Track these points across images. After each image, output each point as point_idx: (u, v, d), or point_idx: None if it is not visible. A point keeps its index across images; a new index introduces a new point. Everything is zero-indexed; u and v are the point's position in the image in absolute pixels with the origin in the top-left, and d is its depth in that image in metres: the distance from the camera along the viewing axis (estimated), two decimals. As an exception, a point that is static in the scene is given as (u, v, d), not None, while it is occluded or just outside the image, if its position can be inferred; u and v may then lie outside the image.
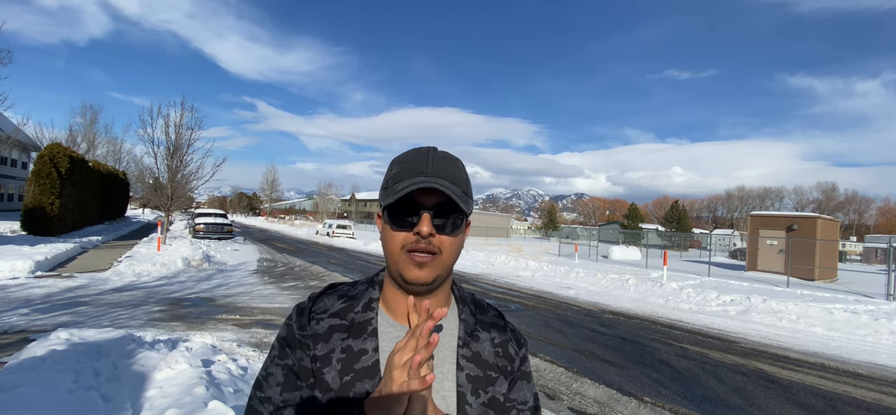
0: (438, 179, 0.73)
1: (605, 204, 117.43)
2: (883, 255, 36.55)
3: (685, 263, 24.68)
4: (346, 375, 0.74)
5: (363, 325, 0.78)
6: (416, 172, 0.74)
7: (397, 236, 0.74)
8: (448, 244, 0.75)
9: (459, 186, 0.75)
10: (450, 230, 0.75)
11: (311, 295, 0.83)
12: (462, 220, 0.77)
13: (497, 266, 16.81)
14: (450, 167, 0.77)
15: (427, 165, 0.75)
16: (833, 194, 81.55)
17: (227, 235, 22.00)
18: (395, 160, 0.80)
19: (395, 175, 0.76)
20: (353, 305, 0.80)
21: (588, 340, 6.60)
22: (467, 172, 0.81)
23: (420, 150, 0.79)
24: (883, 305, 9.72)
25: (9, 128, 22.49)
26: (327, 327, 0.77)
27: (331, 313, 0.79)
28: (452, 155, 0.80)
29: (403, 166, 0.76)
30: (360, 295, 0.82)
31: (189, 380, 3.33)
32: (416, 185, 0.71)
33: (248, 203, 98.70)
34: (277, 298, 8.69)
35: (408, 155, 0.79)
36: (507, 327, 0.87)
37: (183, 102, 17.72)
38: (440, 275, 0.76)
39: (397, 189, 0.73)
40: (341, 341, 0.76)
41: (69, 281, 8.72)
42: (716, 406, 4.30)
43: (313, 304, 0.80)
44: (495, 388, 0.79)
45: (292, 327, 0.78)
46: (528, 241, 51.46)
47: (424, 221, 0.72)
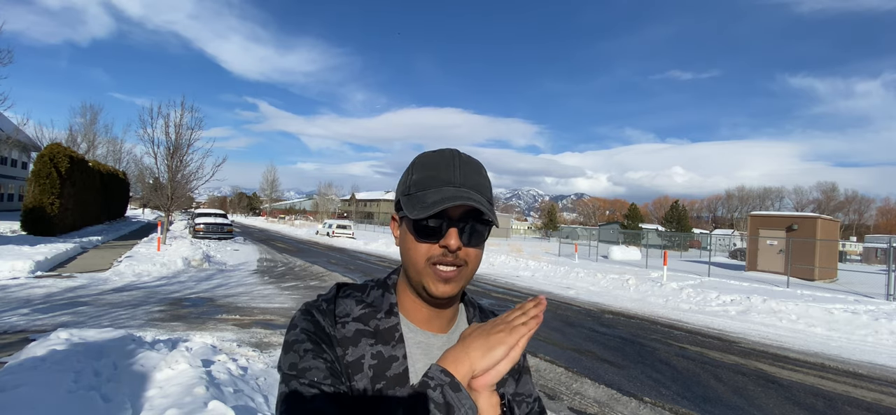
0: (469, 192, 0.71)
1: (605, 204, 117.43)
2: (883, 255, 36.55)
3: (685, 263, 24.68)
4: (378, 382, 0.71)
5: (390, 331, 0.75)
6: (444, 181, 0.72)
7: (421, 248, 0.71)
8: (473, 256, 0.73)
9: (485, 195, 0.74)
10: (476, 242, 0.73)
11: (322, 297, 0.79)
12: (488, 230, 0.75)
13: (497, 266, 16.81)
14: (475, 175, 0.75)
15: (454, 173, 0.73)
16: (833, 194, 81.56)
17: (227, 235, 21.99)
18: (417, 163, 0.77)
19: (419, 182, 0.74)
20: (375, 312, 0.77)
21: (588, 340, 6.60)
22: (488, 177, 0.79)
23: (444, 154, 0.76)
24: (883, 306, 9.72)
25: (9, 128, 22.51)
26: (354, 331, 0.74)
27: (354, 317, 0.76)
28: (474, 159, 0.78)
29: (428, 172, 0.74)
30: (379, 301, 0.79)
31: (189, 380, 3.33)
32: (449, 202, 0.68)
33: (249, 203, 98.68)
34: (277, 298, 8.69)
35: (431, 159, 0.76)
36: None
37: (183, 102, 17.75)
38: (464, 287, 0.74)
39: (426, 202, 0.70)
40: (370, 347, 0.73)
41: (69, 281, 8.72)
42: (716, 406, 4.30)
43: (334, 307, 0.77)
44: (505, 389, 0.79)
45: (321, 324, 0.73)
46: (528, 241, 51.47)
47: (452, 235, 0.70)
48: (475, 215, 0.72)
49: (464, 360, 0.62)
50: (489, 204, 0.74)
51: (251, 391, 3.63)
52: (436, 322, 0.79)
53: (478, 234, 0.73)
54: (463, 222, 0.71)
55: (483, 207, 0.70)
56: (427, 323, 0.78)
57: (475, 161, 0.78)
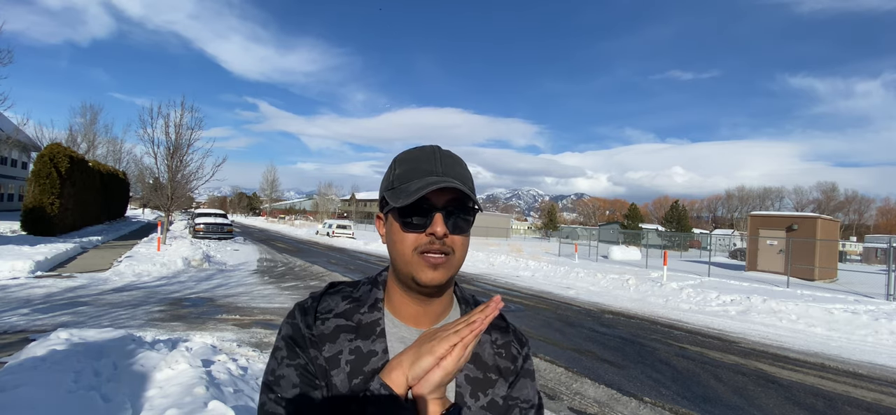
0: (451, 179, 0.72)
1: (605, 204, 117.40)
2: (883, 255, 36.54)
3: (685, 263, 24.67)
4: (355, 377, 0.71)
5: (371, 326, 0.76)
6: (426, 172, 0.73)
7: (408, 238, 0.72)
8: (460, 243, 0.74)
9: (467, 185, 0.75)
10: (461, 229, 0.73)
11: (312, 294, 0.80)
12: (472, 218, 0.76)
13: (497, 266, 16.81)
14: (457, 166, 0.76)
15: (436, 164, 0.74)
16: (833, 194, 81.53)
17: (227, 235, 21.99)
18: (399, 159, 0.78)
19: (401, 175, 0.75)
20: (359, 306, 0.78)
21: (588, 340, 6.60)
22: (470, 172, 0.80)
23: (424, 148, 0.77)
24: (883, 306, 9.71)
25: (9, 128, 22.51)
26: (333, 328, 0.75)
27: (336, 313, 0.76)
28: (456, 154, 0.79)
29: (409, 166, 0.75)
30: (365, 296, 0.80)
31: (189, 380, 3.33)
32: (433, 185, 0.69)
33: (249, 203, 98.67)
34: (277, 298, 8.69)
35: (412, 154, 0.77)
36: (509, 328, 0.86)
37: (183, 102, 17.75)
38: (452, 275, 0.74)
39: (410, 190, 0.71)
40: (349, 342, 0.74)
41: (69, 281, 8.72)
42: (716, 406, 4.30)
43: (317, 303, 0.78)
44: (495, 391, 0.78)
45: (298, 325, 0.75)
46: (528, 241, 51.45)
47: (438, 221, 0.70)
48: (459, 204, 0.73)
49: (397, 368, 0.64)
50: (473, 193, 0.75)
51: (251, 391, 3.62)
52: (424, 318, 0.78)
53: (463, 221, 0.74)
54: (448, 211, 0.72)
55: (466, 190, 0.71)
56: (415, 319, 0.78)
57: (456, 155, 0.79)
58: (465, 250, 0.75)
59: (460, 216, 0.73)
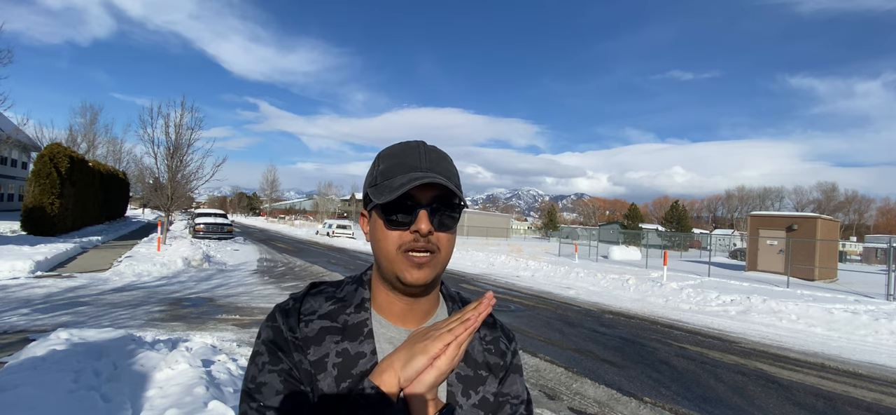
0: (436, 175, 0.70)
1: (605, 204, 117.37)
2: (883, 255, 36.55)
3: (685, 263, 24.67)
4: (343, 380, 0.69)
5: (358, 327, 0.73)
6: (410, 167, 0.71)
7: (392, 236, 0.70)
8: (445, 241, 0.71)
9: (453, 181, 0.72)
10: (446, 227, 0.71)
11: (293, 295, 0.77)
12: (458, 215, 0.73)
13: (497, 266, 16.81)
14: (442, 161, 0.74)
15: (421, 159, 0.72)
16: (833, 194, 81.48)
17: (227, 235, 22.00)
18: (382, 155, 0.76)
19: (385, 171, 0.73)
20: (345, 307, 0.75)
21: (588, 340, 6.60)
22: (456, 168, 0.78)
23: (409, 144, 0.75)
24: (883, 306, 9.71)
25: (9, 128, 22.47)
26: (318, 330, 0.72)
27: (320, 314, 0.74)
28: (441, 149, 0.77)
29: (393, 161, 0.73)
30: (350, 296, 0.77)
31: (189, 380, 3.33)
32: (417, 181, 0.67)
33: (249, 203, 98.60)
34: (278, 298, 8.69)
35: (395, 149, 0.75)
36: (496, 324, 0.85)
37: (183, 102, 17.74)
38: (439, 274, 0.73)
39: (394, 186, 0.69)
40: (335, 345, 0.71)
41: (69, 281, 8.72)
42: (716, 406, 4.30)
43: (300, 305, 0.75)
44: (486, 388, 0.77)
45: (280, 328, 0.71)
46: (528, 241, 51.45)
47: (422, 218, 0.68)
48: (445, 201, 0.71)
49: (388, 370, 0.63)
50: (459, 189, 0.73)
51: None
52: (410, 317, 0.76)
53: (449, 218, 0.71)
54: (433, 208, 0.70)
55: (451, 186, 0.69)
56: (401, 318, 0.76)
57: (442, 151, 0.77)
58: (450, 248, 0.73)
59: (446, 213, 0.71)
